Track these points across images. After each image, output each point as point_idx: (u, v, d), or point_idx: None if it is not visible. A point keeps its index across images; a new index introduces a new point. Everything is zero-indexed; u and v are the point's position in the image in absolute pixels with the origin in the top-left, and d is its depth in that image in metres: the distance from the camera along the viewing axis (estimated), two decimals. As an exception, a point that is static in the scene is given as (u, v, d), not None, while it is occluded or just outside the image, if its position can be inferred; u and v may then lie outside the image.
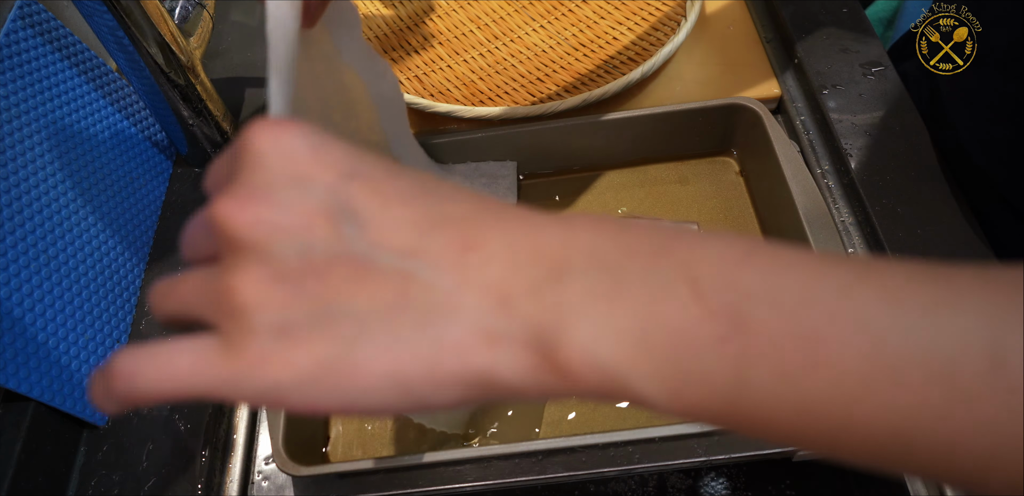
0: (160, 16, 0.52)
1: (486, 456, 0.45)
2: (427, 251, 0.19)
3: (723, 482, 0.62)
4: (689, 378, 0.18)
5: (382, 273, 0.19)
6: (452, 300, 0.19)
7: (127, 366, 0.20)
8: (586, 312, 0.18)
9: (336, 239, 0.19)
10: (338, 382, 0.19)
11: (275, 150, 0.20)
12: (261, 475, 0.49)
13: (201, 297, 0.20)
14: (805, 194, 0.50)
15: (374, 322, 0.19)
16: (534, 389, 0.19)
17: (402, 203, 0.20)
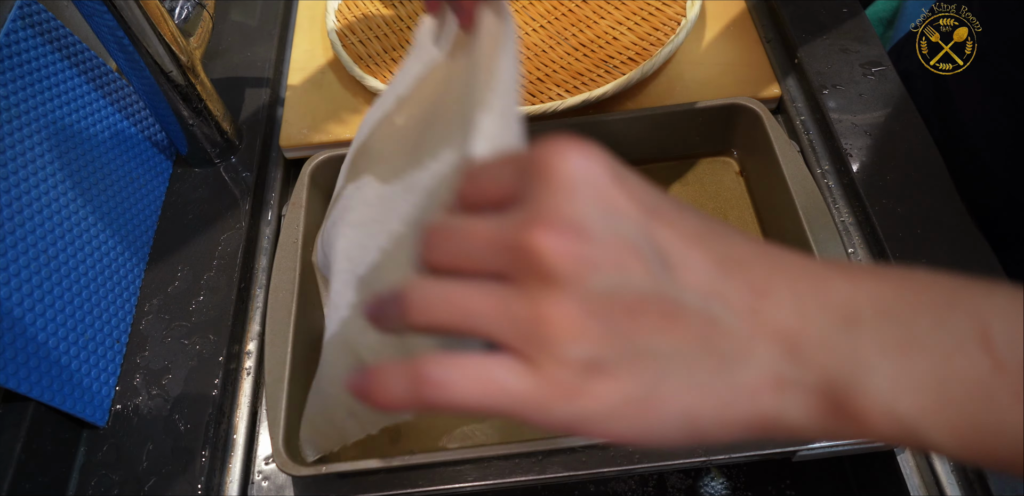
0: (160, 16, 0.52)
1: (486, 456, 0.45)
2: (724, 295, 0.20)
3: (723, 482, 0.62)
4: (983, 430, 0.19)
5: (688, 315, 0.20)
6: (747, 347, 0.20)
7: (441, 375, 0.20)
8: (881, 364, 0.19)
9: (648, 279, 0.20)
10: (638, 416, 0.20)
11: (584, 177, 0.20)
12: (261, 475, 0.49)
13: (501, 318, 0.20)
14: (805, 194, 0.50)
15: (677, 363, 0.20)
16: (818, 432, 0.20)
17: (699, 244, 0.21)
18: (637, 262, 0.20)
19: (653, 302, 0.20)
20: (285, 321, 0.49)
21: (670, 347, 0.20)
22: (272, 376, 0.46)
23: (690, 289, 0.20)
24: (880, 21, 1.11)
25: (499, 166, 0.22)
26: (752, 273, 0.21)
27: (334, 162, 0.57)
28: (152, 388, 0.51)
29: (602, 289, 0.20)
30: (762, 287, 0.21)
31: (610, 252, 0.20)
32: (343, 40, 0.67)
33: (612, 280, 0.20)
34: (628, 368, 0.20)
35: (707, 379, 0.20)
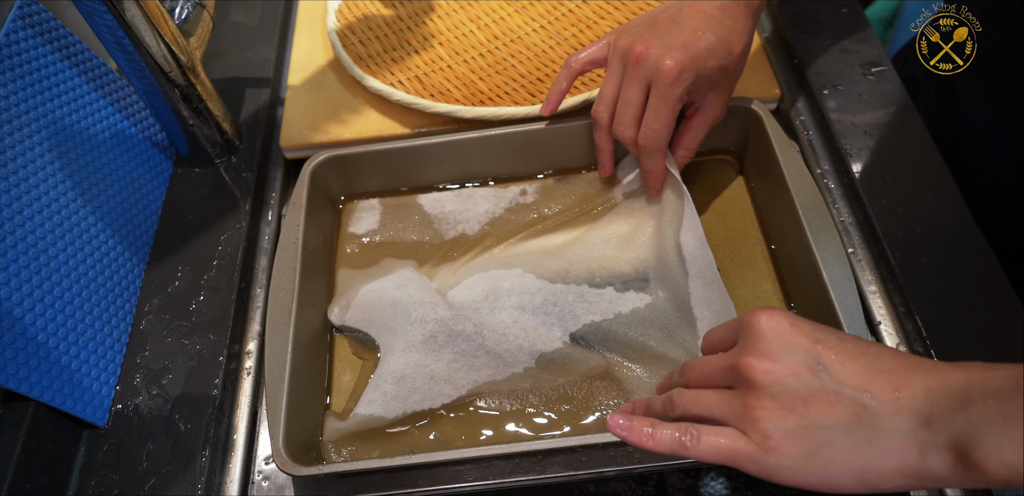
0: (160, 16, 0.52)
1: (486, 456, 0.45)
2: (872, 389, 0.31)
3: (723, 482, 0.62)
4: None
5: (844, 401, 0.31)
6: (892, 422, 0.30)
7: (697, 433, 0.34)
8: (990, 428, 0.28)
9: (815, 380, 0.32)
10: (814, 469, 0.32)
11: (771, 327, 0.34)
12: (261, 475, 0.49)
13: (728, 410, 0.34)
14: (805, 194, 0.50)
15: (839, 432, 0.31)
16: (951, 480, 0.30)
17: (853, 359, 0.32)
18: (807, 372, 0.32)
19: (820, 394, 0.32)
20: (285, 321, 0.49)
21: (833, 421, 0.31)
22: (272, 376, 0.46)
23: (846, 386, 0.32)
24: (880, 21, 1.11)
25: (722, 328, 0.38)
26: (893, 376, 0.31)
27: (334, 162, 0.57)
28: (152, 388, 0.51)
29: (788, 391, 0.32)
30: (901, 384, 0.31)
31: (788, 368, 0.33)
32: (343, 40, 0.67)
33: (793, 385, 0.32)
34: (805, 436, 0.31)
35: (863, 442, 0.31)
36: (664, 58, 0.46)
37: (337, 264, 0.58)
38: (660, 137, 0.49)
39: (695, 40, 0.47)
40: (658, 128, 0.48)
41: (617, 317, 0.50)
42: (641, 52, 0.47)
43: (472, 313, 0.50)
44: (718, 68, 0.47)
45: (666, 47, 0.47)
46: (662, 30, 0.48)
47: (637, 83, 0.48)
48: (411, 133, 0.62)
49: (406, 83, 0.64)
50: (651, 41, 0.47)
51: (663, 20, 0.48)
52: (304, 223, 0.54)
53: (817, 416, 0.31)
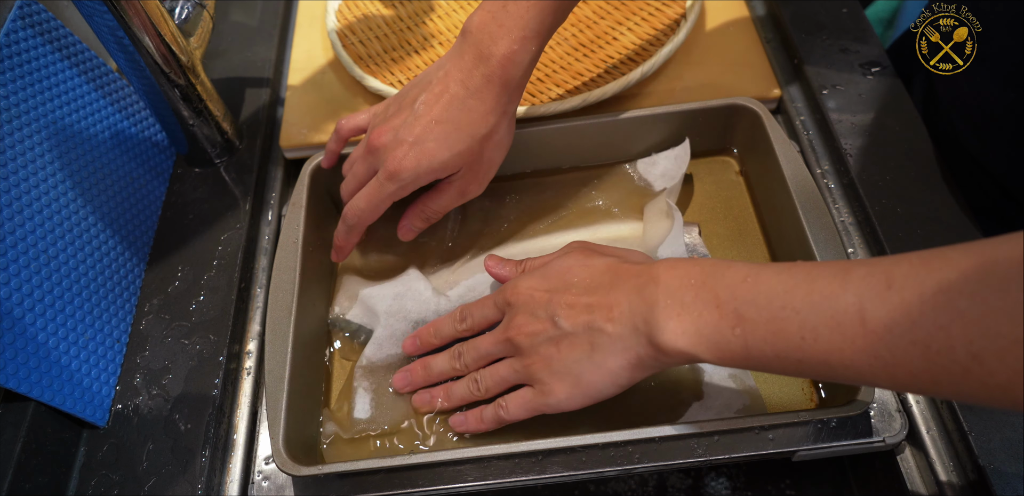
0: (160, 16, 0.52)
1: (486, 456, 0.45)
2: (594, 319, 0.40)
3: (723, 482, 0.62)
4: (723, 348, 0.36)
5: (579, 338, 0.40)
6: (611, 338, 0.39)
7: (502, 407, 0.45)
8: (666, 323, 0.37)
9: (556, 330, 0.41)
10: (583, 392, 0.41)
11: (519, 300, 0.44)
12: (261, 475, 0.49)
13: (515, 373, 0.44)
14: (805, 194, 0.50)
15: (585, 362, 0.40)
16: (660, 363, 0.39)
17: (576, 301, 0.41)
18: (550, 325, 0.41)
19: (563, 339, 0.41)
20: (285, 321, 0.49)
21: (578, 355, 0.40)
22: (272, 376, 0.46)
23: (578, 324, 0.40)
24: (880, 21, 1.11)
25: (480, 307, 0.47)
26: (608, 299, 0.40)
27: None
28: (152, 388, 0.51)
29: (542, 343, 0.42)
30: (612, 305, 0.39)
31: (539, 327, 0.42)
32: (343, 40, 0.67)
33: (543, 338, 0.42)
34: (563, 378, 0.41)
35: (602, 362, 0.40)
36: (389, 153, 0.47)
37: (341, 268, 0.58)
38: (362, 216, 0.50)
39: (426, 132, 0.46)
40: (363, 207, 0.49)
41: None
42: (373, 141, 0.48)
43: None
44: (455, 158, 0.47)
45: (395, 140, 0.47)
46: (402, 114, 0.48)
47: (365, 166, 0.50)
48: (411, 133, 0.62)
49: (406, 83, 0.64)
50: (385, 130, 0.48)
51: (408, 100, 0.48)
52: (304, 223, 0.54)
53: (566, 357, 0.40)
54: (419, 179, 0.47)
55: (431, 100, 0.47)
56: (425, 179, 0.48)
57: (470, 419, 0.46)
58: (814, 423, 0.45)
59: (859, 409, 0.41)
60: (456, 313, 0.47)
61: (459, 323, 0.47)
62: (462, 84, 0.46)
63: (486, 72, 0.46)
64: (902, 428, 0.45)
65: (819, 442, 0.44)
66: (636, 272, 0.40)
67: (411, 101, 0.48)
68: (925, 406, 0.47)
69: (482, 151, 0.48)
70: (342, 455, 0.48)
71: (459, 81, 0.46)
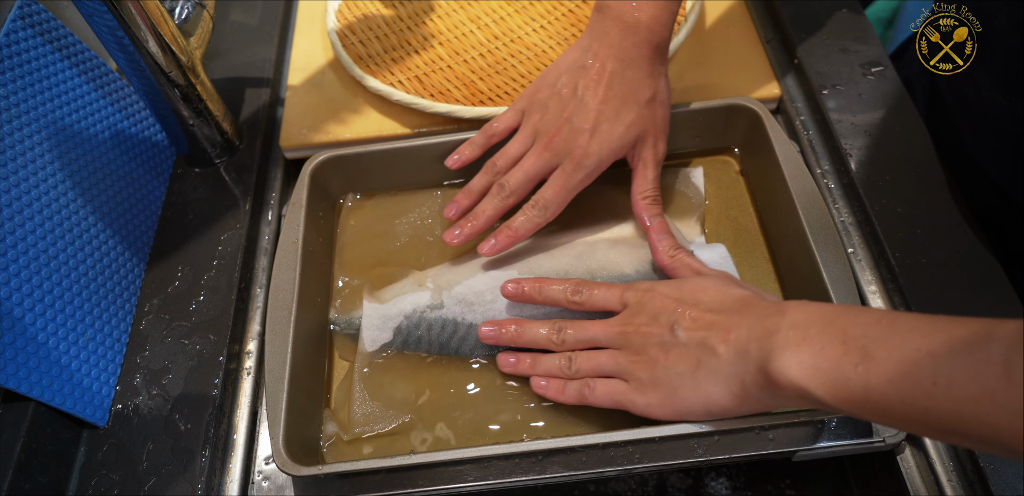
0: (160, 16, 0.52)
1: (486, 456, 0.45)
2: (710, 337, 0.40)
3: (723, 482, 0.62)
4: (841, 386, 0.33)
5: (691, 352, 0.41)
6: (722, 360, 0.39)
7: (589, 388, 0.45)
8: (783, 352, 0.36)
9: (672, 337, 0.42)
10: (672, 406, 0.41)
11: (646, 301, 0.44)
12: (261, 475, 0.49)
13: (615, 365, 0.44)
14: (805, 194, 0.50)
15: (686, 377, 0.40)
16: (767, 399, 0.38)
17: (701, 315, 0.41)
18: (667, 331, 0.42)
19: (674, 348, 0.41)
20: (285, 321, 0.49)
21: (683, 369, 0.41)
22: (272, 376, 0.46)
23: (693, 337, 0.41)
24: (880, 21, 1.11)
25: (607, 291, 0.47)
26: (729, 321, 0.40)
27: (334, 162, 0.57)
28: (152, 388, 0.51)
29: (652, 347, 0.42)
30: (731, 327, 0.39)
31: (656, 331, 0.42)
32: (343, 40, 0.67)
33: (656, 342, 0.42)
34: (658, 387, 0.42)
35: (703, 382, 0.40)
36: (572, 144, 0.49)
37: (337, 271, 0.58)
38: (550, 208, 0.51)
39: (599, 116, 0.48)
40: (552, 200, 0.50)
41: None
42: (551, 137, 0.50)
43: (470, 312, 0.51)
44: (631, 128, 0.49)
45: (573, 132, 0.49)
46: (568, 105, 0.49)
47: (542, 161, 0.50)
48: (411, 133, 0.62)
49: (406, 83, 0.64)
50: (560, 125, 0.49)
51: (567, 91, 0.50)
52: (304, 223, 0.54)
53: (671, 366, 0.41)
54: (603, 162, 0.50)
55: (592, 84, 0.49)
56: (609, 160, 0.50)
57: (552, 387, 0.46)
58: (814, 423, 0.45)
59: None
60: (571, 284, 0.47)
61: (572, 294, 0.47)
62: (616, 58, 0.48)
63: (636, 40, 0.48)
64: (902, 428, 0.45)
65: (819, 442, 0.44)
66: (766, 305, 0.39)
67: (571, 91, 0.49)
68: (925, 406, 0.47)
69: (652, 114, 0.50)
70: (342, 455, 0.48)
71: (612, 56, 0.48)
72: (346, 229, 0.59)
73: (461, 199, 0.54)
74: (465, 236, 0.53)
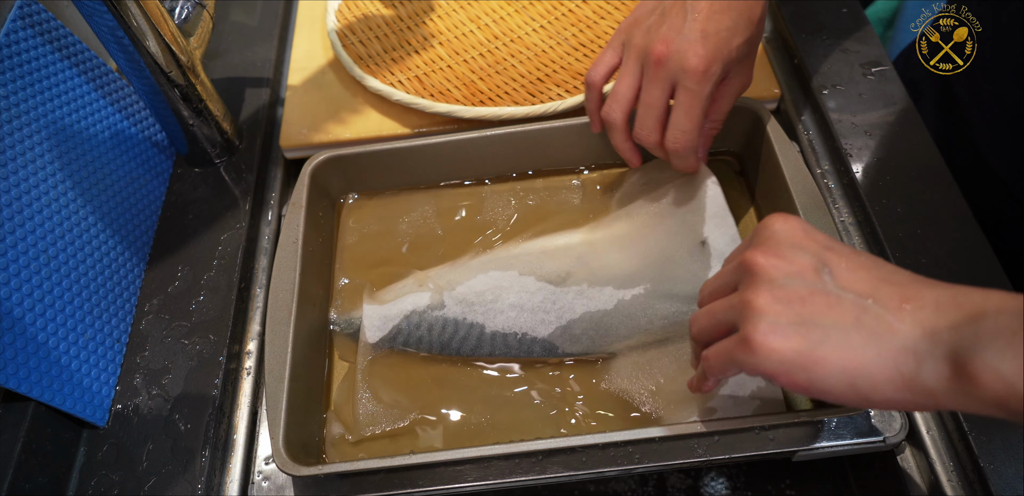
0: (160, 16, 0.52)
1: (486, 456, 0.45)
2: (877, 296, 0.31)
3: (723, 482, 0.62)
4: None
5: (845, 303, 0.31)
6: (894, 328, 0.30)
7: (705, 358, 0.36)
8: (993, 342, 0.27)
9: (817, 281, 0.32)
10: (804, 367, 0.31)
11: (783, 229, 0.34)
12: (261, 475, 0.49)
13: (730, 309, 0.34)
14: (805, 194, 0.50)
15: (835, 332, 0.30)
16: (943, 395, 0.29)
17: (862, 268, 0.32)
18: (811, 272, 0.32)
19: (819, 294, 0.32)
20: (285, 321, 0.49)
21: (830, 321, 0.31)
22: (272, 376, 0.46)
23: (849, 290, 0.31)
24: (880, 21, 1.11)
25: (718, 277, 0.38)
26: (903, 288, 0.31)
27: (334, 162, 0.57)
28: (152, 388, 0.51)
29: (787, 286, 0.32)
30: (910, 296, 0.30)
31: (792, 265, 0.33)
32: (343, 40, 0.67)
33: (792, 281, 0.32)
34: (798, 333, 0.31)
35: (859, 345, 0.30)
36: (688, 56, 0.44)
37: (338, 271, 0.58)
38: (692, 137, 0.46)
39: (714, 24, 0.44)
40: (690, 128, 0.46)
41: (617, 307, 0.49)
42: (662, 52, 0.45)
43: (470, 312, 0.51)
44: (743, 44, 0.45)
45: (687, 42, 0.44)
46: (676, 20, 0.45)
47: (660, 85, 0.45)
48: (411, 133, 0.62)
49: (406, 83, 0.64)
50: (669, 37, 0.44)
51: (674, 7, 0.45)
52: (304, 223, 0.54)
53: (813, 315, 0.31)
54: (727, 68, 0.45)
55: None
56: (732, 66, 0.46)
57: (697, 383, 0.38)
58: (814, 423, 0.45)
59: (859, 409, 0.41)
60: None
61: None
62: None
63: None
64: (902, 428, 0.45)
65: (819, 442, 0.44)
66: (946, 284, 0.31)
67: (678, 7, 0.45)
68: (925, 406, 0.47)
69: (759, 34, 0.47)
70: (345, 456, 0.48)
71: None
72: (346, 229, 0.59)
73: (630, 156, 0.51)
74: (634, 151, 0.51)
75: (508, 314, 0.50)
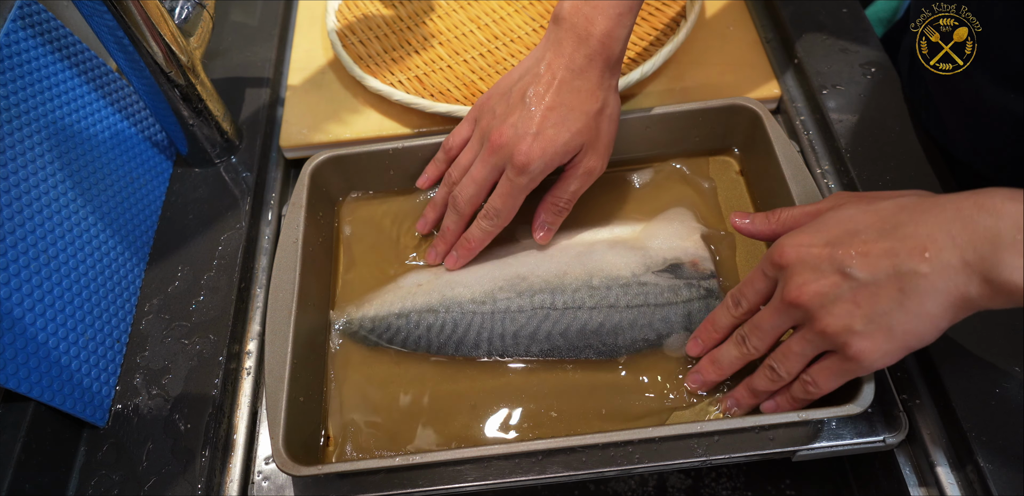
0: (160, 16, 0.52)
1: (486, 456, 0.45)
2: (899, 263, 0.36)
3: (723, 482, 0.62)
4: None
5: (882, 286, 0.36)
6: (931, 281, 0.35)
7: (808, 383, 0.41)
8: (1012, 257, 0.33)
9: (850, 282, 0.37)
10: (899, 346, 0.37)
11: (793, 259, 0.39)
12: (261, 475, 0.49)
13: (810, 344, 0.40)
14: (805, 194, 0.50)
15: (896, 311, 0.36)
16: (987, 303, 0.35)
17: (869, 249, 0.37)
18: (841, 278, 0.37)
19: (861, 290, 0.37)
20: (285, 321, 0.49)
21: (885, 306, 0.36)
22: (272, 376, 0.46)
23: (876, 273, 0.36)
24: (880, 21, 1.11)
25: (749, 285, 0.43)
26: (914, 239, 0.35)
27: (334, 162, 0.57)
28: (152, 388, 0.51)
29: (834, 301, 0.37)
30: (924, 245, 0.35)
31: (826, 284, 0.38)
32: (343, 40, 0.67)
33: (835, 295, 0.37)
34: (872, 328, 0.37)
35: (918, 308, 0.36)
36: (514, 152, 0.48)
37: (341, 268, 0.58)
38: (501, 215, 0.51)
39: (544, 121, 0.48)
40: (500, 207, 0.50)
41: (616, 307, 0.49)
42: (496, 142, 0.49)
43: (469, 312, 0.51)
44: (575, 137, 0.48)
45: (518, 137, 0.48)
46: (515, 110, 0.49)
47: (488, 168, 0.50)
48: (411, 133, 0.62)
49: (406, 83, 0.64)
50: (504, 129, 0.49)
51: (516, 95, 0.49)
52: (304, 223, 0.54)
53: (871, 310, 0.36)
54: (548, 166, 0.49)
55: (541, 91, 0.48)
56: (553, 164, 0.49)
57: (782, 403, 0.43)
58: (814, 423, 0.45)
59: (859, 409, 0.41)
60: (728, 299, 0.45)
61: (733, 309, 0.44)
62: (566, 68, 0.48)
63: (588, 52, 0.48)
64: (902, 428, 0.45)
65: (819, 442, 0.44)
66: (956, 204, 0.35)
67: (520, 97, 0.49)
68: (925, 406, 0.47)
69: (598, 126, 0.49)
70: (342, 456, 0.48)
71: (563, 66, 0.48)
72: (346, 229, 0.59)
73: (428, 212, 0.56)
74: (441, 254, 0.54)
75: (506, 314, 0.50)
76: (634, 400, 0.48)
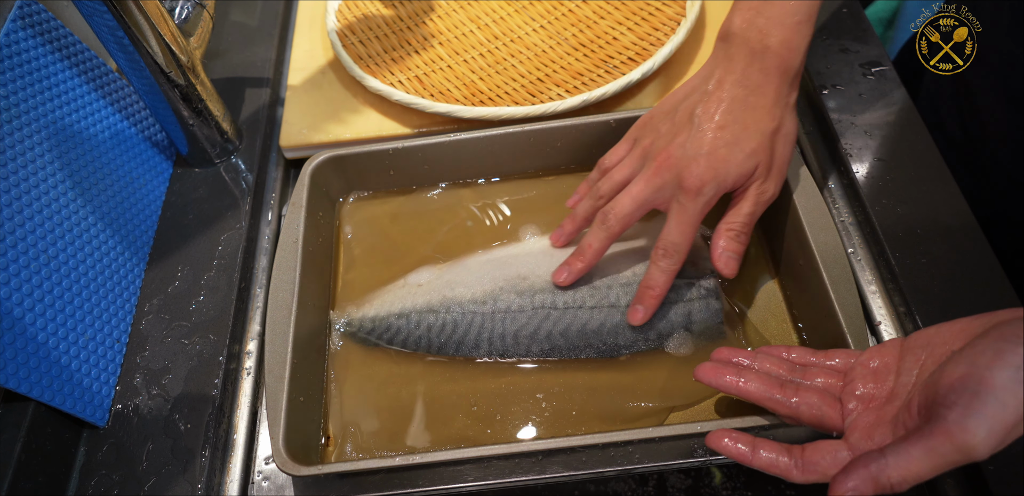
0: (160, 16, 0.52)
1: (486, 456, 0.45)
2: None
3: (723, 482, 0.62)
4: None
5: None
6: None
7: None
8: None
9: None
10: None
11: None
12: (261, 475, 0.49)
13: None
14: (805, 194, 0.50)
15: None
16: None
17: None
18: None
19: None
20: (285, 321, 0.49)
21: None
22: (272, 376, 0.46)
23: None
24: (880, 21, 1.11)
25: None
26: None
27: (334, 162, 0.57)
28: (152, 388, 0.51)
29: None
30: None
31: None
32: (343, 40, 0.67)
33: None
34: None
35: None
36: (684, 175, 0.45)
37: (341, 268, 0.58)
38: (681, 253, 0.46)
39: (716, 141, 0.45)
40: (680, 242, 0.46)
41: (616, 307, 0.49)
42: (662, 161, 0.46)
43: (469, 312, 0.51)
44: (749, 157, 0.45)
45: (686, 157, 0.45)
46: (682, 129, 0.46)
47: (652, 188, 0.46)
48: (411, 133, 0.62)
49: (406, 83, 0.64)
50: (671, 149, 0.46)
51: (683, 114, 0.47)
52: (304, 223, 0.54)
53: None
54: (720, 189, 0.45)
55: (711, 109, 0.46)
56: (725, 187, 0.45)
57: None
58: (814, 423, 0.45)
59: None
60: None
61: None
62: (739, 84, 0.45)
63: (763, 66, 0.45)
64: (902, 428, 0.45)
65: (819, 442, 0.44)
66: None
67: (687, 116, 0.46)
68: (925, 406, 0.47)
69: (773, 146, 0.46)
70: (342, 455, 0.48)
71: (735, 82, 0.45)
72: (346, 229, 0.59)
73: (567, 224, 0.52)
74: (575, 274, 0.50)
75: (507, 314, 0.50)
76: (634, 400, 0.48)
